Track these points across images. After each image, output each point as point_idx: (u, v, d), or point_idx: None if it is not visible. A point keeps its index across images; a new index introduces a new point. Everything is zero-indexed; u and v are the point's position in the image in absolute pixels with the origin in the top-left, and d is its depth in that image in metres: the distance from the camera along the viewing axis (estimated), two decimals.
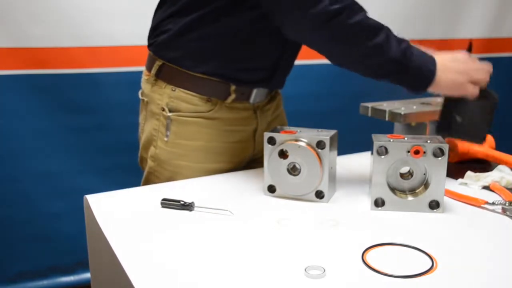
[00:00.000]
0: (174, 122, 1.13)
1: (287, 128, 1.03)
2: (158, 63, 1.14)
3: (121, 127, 1.88)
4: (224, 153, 1.18)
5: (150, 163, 1.19)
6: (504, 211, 0.92)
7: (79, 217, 1.03)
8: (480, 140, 1.13)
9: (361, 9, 0.99)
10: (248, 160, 1.25)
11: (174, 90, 1.13)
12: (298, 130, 1.01)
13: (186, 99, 1.13)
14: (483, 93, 1.07)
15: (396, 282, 0.68)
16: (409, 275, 0.70)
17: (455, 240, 0.82)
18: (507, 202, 0.93)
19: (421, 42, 1.17)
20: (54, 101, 1.92)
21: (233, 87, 1.13)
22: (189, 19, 1.08)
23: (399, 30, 1.22)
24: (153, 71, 1.15)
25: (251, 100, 1.17)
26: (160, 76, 1.14)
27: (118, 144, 1.94)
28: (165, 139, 1.15)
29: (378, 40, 0.97)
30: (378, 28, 0.98)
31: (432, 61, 1.02)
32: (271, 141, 0.99)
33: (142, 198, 1.01)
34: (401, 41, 1.00)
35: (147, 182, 1.20)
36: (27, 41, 1.84)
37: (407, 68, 1.00)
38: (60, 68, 1.90)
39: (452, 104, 1.09)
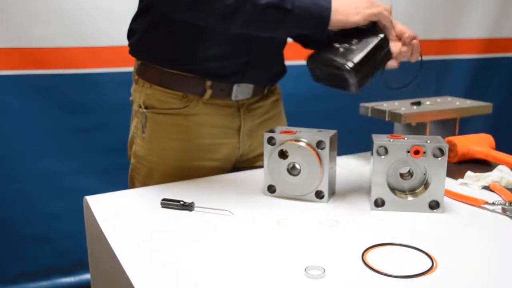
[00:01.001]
0: (149, 118, 1.14)
1: (287, 128, 1.03)
2: (137, 62, 1.17)
3: (121, 127, 1.87)
4: (203, 150, 1.17)
5: (132, 160, 1.21)
6: (504, 211, 0.92)
7: (79, 217, 1.03)
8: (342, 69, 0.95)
9: None
10: (235, 160, 1.23)
11: (150, 87, 1.14)
12: (298, 130, 1.01)
13: (161, 96, 1.13)
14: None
15: (396, 282, 0.68)
16: (409, 275, 0.70)
17: (455, 240, 0.82)
18: (507, 202, 0.93)
19: (421, 42, 1.17)
20: (54, 101, 1.92)
21: (208, 83, 1.12)
22: (149, 19, 1.11)
23: None
24: (134, 70, 1.18)
25: (233, 96, 1.15)
26: (140, 74, 1.17)
27: (118, 144, 1.93)
28: (143, 135, 1.16)
29: None
30: None
31: None
32: (271, 141, 0.99)
33: (142, 198, 1.01)
34: None
35: (131, 179, 1.22)
36: (27, 41, 1.84)
37: (291, 12, 0.94)
38: (60, 68, 1.90)
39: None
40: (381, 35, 1.00)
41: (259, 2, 0.93)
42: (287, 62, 1.30)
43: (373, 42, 0.99)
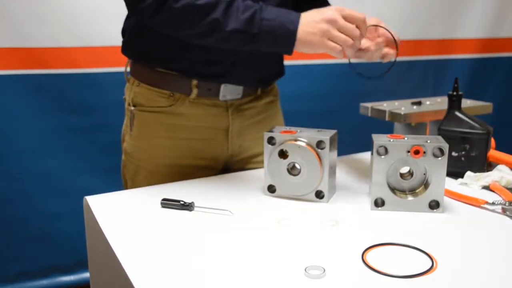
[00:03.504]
0: (136, 116, 1.17)
1: (287, 128, 1.03)
2: (128, 61, 1.20)
3: (121, 127, 1.88)
4: (191, 149, 1.17)
5: (123, 156, 1.24)
6: (504, 211, 0.92)
7: (79, 217, 1.03)
8: None
9: None
10: (225, 161, 1.23)
11: (138, 86, 1.16)
12: (298, 130, 1.01)
13: (148, 94, 1.15)
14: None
15: (396, 282, 0.68)
16: (409, 275, 0.70)
17: (455, 240, 0.82)
18: (507, 202, 0.93)
19: (421, 42, 1.18)
20: (54, 101, 1.92)
21: (194, 82, 1.12)
22: (136, 18, 1.13)
23: (399, 30, 1.22)
24: (126, 69, 1.20)
25: (220, 96, 1.15)
26: (131, 73, 1.19)
27: (118, 144, 1.93)
28: (130, 132, 1.19)
29: (213, 16, 0.96)
30: (211, 5, 0.97)
31: (292, 21, 0.97)
32: (271, 141, 0.99)
33: (142, 198, 1.01)
34: (247, 9, 0.97)
35: (123, 175, 1.25)
36: (27, 41, 1.84)
37: (257, 35, 0.97)
38: (60, 68, 1.90)
39: None
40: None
41: (229, 26, 0.97)
42: (287, 62, 1.30)
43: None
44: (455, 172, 1.10)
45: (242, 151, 1.24)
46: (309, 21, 0.97)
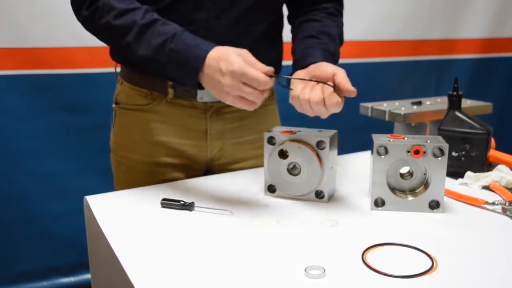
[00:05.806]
0: (117, 113, 1.21)
1: (287, 128, 1.03)
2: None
3: None
4: (168, 148, 1.16)
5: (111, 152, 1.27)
6: (504, 211, 0.92)
7: (79, 217, 1.03)
8: None
9: (111, 10, 0.97)
10: (206, 163, 1.21)
11: (122, 84, 1.20)
12: (298, 130, 1.01)
13: (129, 92, 1.18)
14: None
15: (396, 282, 0.68)
16: (409, 275, 0.70)
17: (455, 240, 0.82)
18: (507, 202, 0.93)
19: (423, 42, 1.17)
20: (54, 101, 1.92)
21: (169, 83, 1.13)
22: None
23: (400, 30, 1.22)
24: (116, 69, 1.25)
25: (198, 98, 1.14)
26: (120, 73, 1.23)
27: None
28: (113, 129, 1.23)
29: (127, 39, 0.97)
30: (126, 28, 0.96)
31: (197, 57, 0.90)
32: (271, 141, 0.99)
33: (142, 198, 1.01)
34: (160, 34, 0.94)
35: (113, 171, 1.27)
36: (27, 41, 1.84)
37: (167, 65, 0.95)
38: (60, 68, 1.90)
39: None
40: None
41: (138, 52, 0.97)
42: (288, 62, 1.30)
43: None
44: (455, 172, 1.10)
45: (222, 155, 1.21)
46: (211, 73, 0.89)
